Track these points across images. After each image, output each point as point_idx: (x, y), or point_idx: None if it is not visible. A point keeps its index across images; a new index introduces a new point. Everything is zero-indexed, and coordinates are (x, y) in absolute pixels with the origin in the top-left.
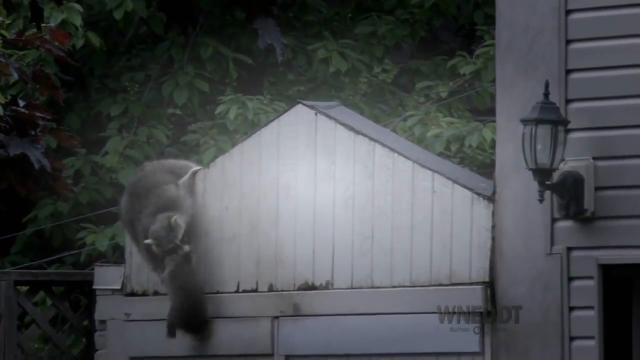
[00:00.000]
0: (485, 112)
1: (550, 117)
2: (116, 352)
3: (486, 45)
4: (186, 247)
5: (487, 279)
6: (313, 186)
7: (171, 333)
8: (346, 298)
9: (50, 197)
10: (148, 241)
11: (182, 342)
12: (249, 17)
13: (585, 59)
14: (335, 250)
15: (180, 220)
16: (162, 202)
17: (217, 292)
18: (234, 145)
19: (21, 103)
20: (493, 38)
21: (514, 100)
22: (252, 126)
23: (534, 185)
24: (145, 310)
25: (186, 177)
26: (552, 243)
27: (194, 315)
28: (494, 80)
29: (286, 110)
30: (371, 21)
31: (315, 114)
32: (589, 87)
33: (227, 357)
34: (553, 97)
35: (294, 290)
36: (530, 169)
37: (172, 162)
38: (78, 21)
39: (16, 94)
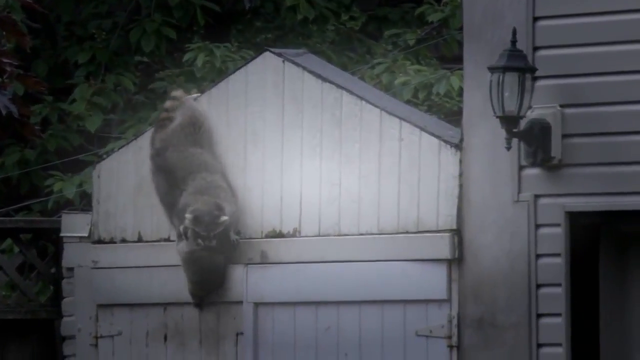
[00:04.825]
0: (453, 59)
1: (518, 65)
2: (83, 300)
3: None
4: (214, 242)
5: (454, 227)
6: (281, 134)
7: (197, 305)
8: (314, 246)
9: (17, 145)
10: (189, 215)
11: (150, 290)
12: None
13: (553, 6)
14: (302, 198)
15: (225, 218)
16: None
17: None
18: (201, 93)
19: None
20: None
21: (481, 47)
22: (219, 74)
23: (502, 133)
24: (113, 258)
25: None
26: (519, 190)
27: (206, 289)
28: (461, 28)
29: (254, 58)
30: None
31: (283, 61)
32: (556, 34)
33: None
34: (520, 45)
35: (261, 238)
36: (497, 117)
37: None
38: None
39: None
